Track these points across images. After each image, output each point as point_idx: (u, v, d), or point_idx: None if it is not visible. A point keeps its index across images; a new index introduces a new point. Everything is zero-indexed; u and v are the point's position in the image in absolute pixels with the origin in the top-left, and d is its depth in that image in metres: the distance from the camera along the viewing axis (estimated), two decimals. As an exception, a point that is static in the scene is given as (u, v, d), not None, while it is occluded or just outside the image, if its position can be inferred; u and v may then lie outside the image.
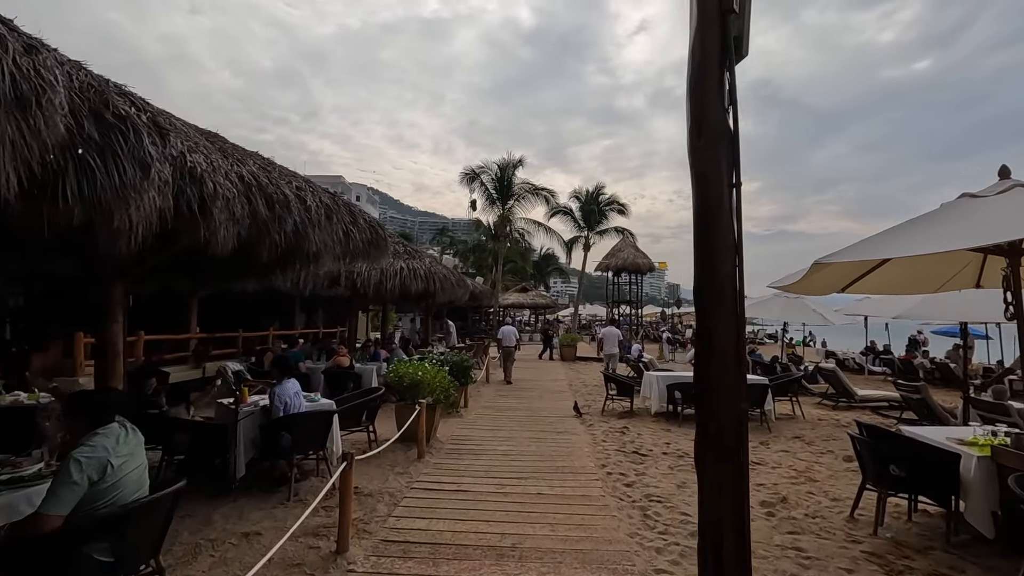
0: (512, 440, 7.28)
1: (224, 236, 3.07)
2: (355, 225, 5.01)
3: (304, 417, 5.07)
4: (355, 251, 5.12)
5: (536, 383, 13.77)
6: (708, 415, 2.51)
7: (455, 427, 8.01)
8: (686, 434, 8.12)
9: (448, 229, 60.84)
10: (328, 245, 4.48)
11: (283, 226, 3.64)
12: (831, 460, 6.70)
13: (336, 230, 4.50)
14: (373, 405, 6.49)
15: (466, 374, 8.98)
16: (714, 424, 2.46)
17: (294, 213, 3.73)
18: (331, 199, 4.58)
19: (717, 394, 2.50)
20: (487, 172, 31.17)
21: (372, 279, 9.25)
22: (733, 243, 2.56)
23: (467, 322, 35.48)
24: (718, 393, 2.50)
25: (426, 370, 6.77)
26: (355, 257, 5.40)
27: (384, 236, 5.71)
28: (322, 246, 4.32)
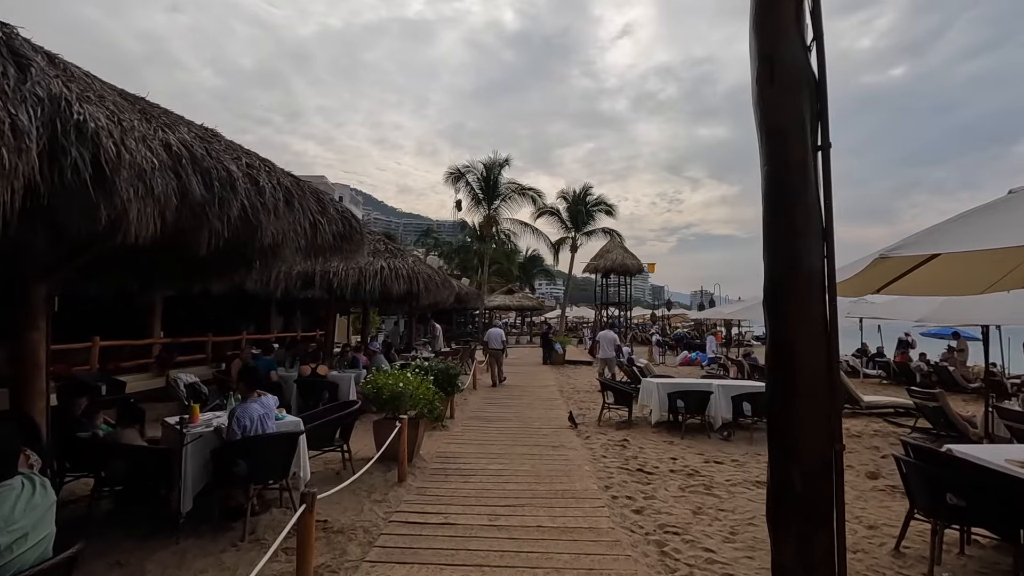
0: (504, 457, 6.58)
1: (139, 219, 2.34)
2: (324, 215, 4.29)
3: (263, 441, 4.32)
4: (324, 246, 4.40)
5: (525, 390, 13.09)
6: (788, 460, 1.85)
7: (441, 442, 7.30)
8: (691, 446, 7.51)
9: (433, 230, 59.94)
10: (289, 237, 3.75)
11: (227, 210, 2.91)
12: (853, 477, 6.12)
13: (299, 220, 3.78)
14: (348, 421, 5.75)
15: (452, 383, 8.27)
16: (799, 473, 1.80)
17: (241, 195, 3.00)
18: (293, 183, 3.86)
19: (801, 433, 1.84)
20: (472, 172, 30.51)
21: (350, 279, 8.49)
22: (820, 225, 1.91)
23: (452, 325, 34.75)
24: (802, 431, 1.84)
25: (408, 380, 6.05)
26: (325, 253, 4.68)
27: (359, 230, 4.99)
28: (280, 238, 3.59)
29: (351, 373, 8.80)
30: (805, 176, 1.87)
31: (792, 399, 1.84)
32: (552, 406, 10.78)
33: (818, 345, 1.85)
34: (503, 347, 14.81)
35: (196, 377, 6.73)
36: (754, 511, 4.94)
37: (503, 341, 14.87)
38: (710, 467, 6.46)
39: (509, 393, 12.41)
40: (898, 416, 9.99)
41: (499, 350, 14.50)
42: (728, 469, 6.40)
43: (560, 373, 17.27)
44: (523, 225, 32.73)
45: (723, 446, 7.54)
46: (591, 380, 15.14)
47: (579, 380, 15.33)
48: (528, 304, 37.76)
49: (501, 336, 14.88)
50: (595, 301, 28.97)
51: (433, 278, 9.39)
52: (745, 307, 14.46)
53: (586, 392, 12.80)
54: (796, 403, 1.83)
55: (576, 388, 13.67)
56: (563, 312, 35.93)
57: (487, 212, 30.66)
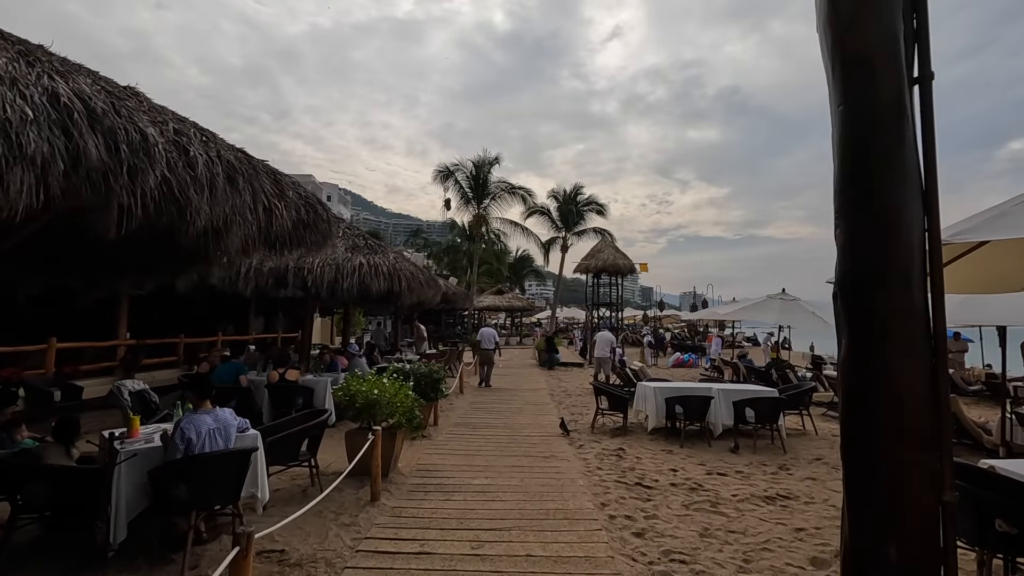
0: (490, 470, 6.03)
1: (10, 187, 1.77)
2: (281, 199, 3.71)
3: (207, 460, 3.73)
4: (283, 235, 3.82)
5: (515, 393, 12.54)
6: (878, 520, 1.32)
7: (422, 453, 6.73)
8: (691, 455, 7.01)
9: (423, 231, 59.31)
10: (235, 223, 3.18)
11: (141, 183, 2.34)
12: (869, 491, 5.64)
13: (247, 202, 3.21)
14: (315, 433, 5.17)
15: (436, 388, 7.70)
16: (895, 537, 1.27)
17: (161, 165, 2.43)
18: (241, 160, 3.28)
19: (898, 480, 1.31)
20: (462, 170, 29.91)
21: (326, 277, 7.90)
22: (919, 187, 1.36)
23: (441, 326, 34.14)
24: (900, 478, 1.31)
25: (384, 387, 5.48)
26: (285, 244, 4.09)
27: (326, 218, 4.42)
28: (222, 223, 3.02)
29: (328, 377, 8.19)
30: (900, 120, 1.34)
31: (884, 434, 1.30)
32: (542, 411, 10.25)
33: (918, 359, 1.31)
34: (496, 347, 14.43)
35: (145, 384, 6.08)
36: (767, 534, 4.44)
37: (496, 341, 14.50)
38: (713, 480, 5.96)
39: (498, 397, 11.86)
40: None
41: (491, 350, 14.12)
42: (733, 482, 5.90)
43: (551, 376, 16.75)
44: (513, 225, 32.22)
45: (725, 455, 7.05)
46: (583, 383, 14.64)
47: (570, 383, 14.82)
48: (518, 305, 37.24)
49: (494, 336, 14.51)
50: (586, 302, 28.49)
51: (416, 276, 8.82)
52: (740, 308, 14.03)
53: (578, 396, 12.29)
54: (889, 439, 1.29)
55: (567, 391, 13.15)
56: (553, 313, 35.39)
57: (476, 211, 30.09)
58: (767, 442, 7.63)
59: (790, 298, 12.64)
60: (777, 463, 6.71)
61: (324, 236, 4.47)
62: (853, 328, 1.38)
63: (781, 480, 5.99)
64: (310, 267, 7.93)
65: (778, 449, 7.37)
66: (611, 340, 14.32)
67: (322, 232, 4.38)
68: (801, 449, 7.44)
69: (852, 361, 1.39)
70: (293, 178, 4.51)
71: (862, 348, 1.36)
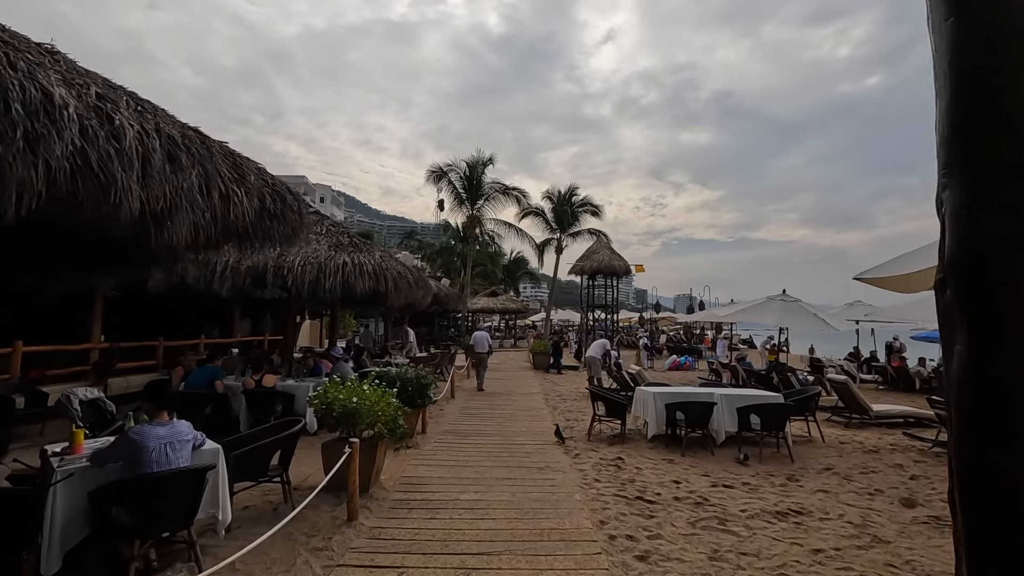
0: (480, 483, 5.60)
1: None
2: (241, 184, 3.28)
3: (154, 481, 3.29)
4: (243, 225, 3.39)
5: (508, 398, 12.12)
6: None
7: (408, 463, 6.30)
8: (694, 465, 6.60)
9: (417, 232, 58.79)
10: (182, 210, 2.75)
11: (43, 152, 1.91)
12: (886, 505, 5.26)
13: (195, 184, 2.78)
14: (286, 445, 4.72)
15: (424, 394, 7.27)
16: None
17: (71, 133, 2.00)
18: (190, 137, 2.86)
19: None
20: (455, 170, 29.50)
21: (307, 276, 7.45)
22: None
23: (434, 328, 33.70)
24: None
25: (364, 395, 5.04)
26: (246, 236, 3.66)
27: (297, 208, 3.99)
28: (162, 208, 2.59)
29: (311, 382, 7.74)
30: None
31: None
32: (536, 416, 9.84)
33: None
34: (489, 350, 14.21)
35: (99, 392, 5.62)
36: (783, 556, 4.04)
37: (489, 344, 14.31)
38: (719, 493, 5.56)
39: (491, 402, 11.43)
40: (909, 426, 9.22)
41: (484, 353, 13.91)
42: (740, 495, 5.50)
43: (545, 379, 16.34)
44: (507, 226, 31.81)
45: (730, 465, 6.65)
46: (578, 386, 14.24)
47: (565, 386, 14.42)
48: (512, 307, 36.83)
49: (487, 339, 14.31)
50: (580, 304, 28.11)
51: (404, 276, 8.39)
52: (740, 310, 13.68)
53: (573, 400, 11.88)
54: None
55: (562, 395, 12.75)
56: (548, 315, 34.98)
57: (470, 212, 29.69)
58: (772, 450, 7.25)
59: (791, 299, 12.30)
60: (785, 473, 6.32)
61: (295, 229, 4.04)
62: (977, 320, 0.96)
63: (791, 492, 5.60)
64: (290, 266, 7.49)
65: (784, 458, 6.98)
66: (604, 344, 14.03)
67: (291, 224, 3.95)
68: (809, 458, 7.06)
69: (976, 370, 0.97)
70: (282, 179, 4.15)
71: (994, 348, 0.94)
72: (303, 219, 4.09)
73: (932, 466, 6.70)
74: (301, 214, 4.07)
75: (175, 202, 2.66)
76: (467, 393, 12.63)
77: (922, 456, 7.22)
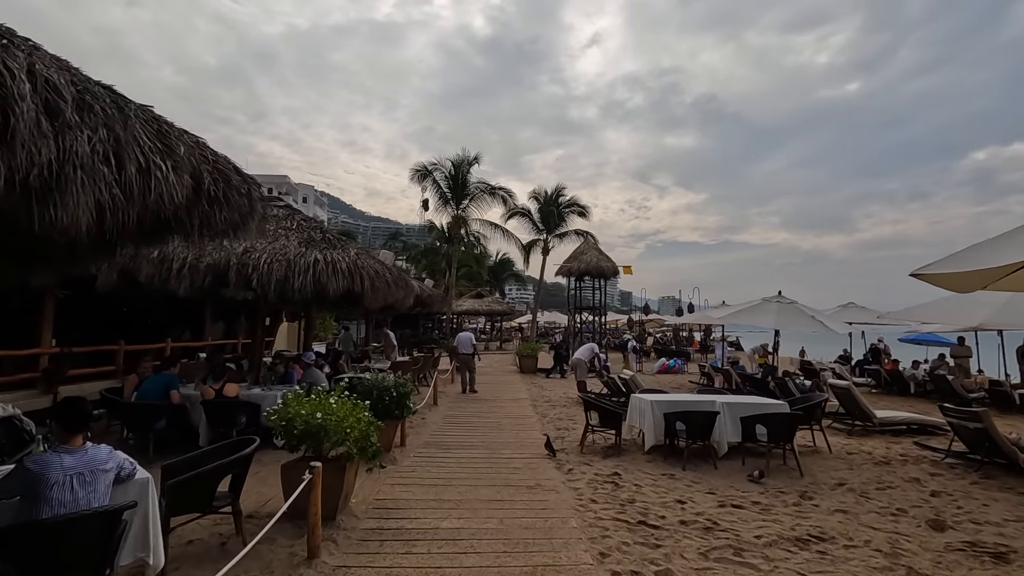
0: (464, 507, 4.99)
1: None
2: (169, 157, 2.66)
3: (46, 529, 2.62)
4: (170, 207, 2.75)
5: (495, 404, 11.51)
6: None
7: (383, 482, 5.67)
8: (697, 481, 6.07)
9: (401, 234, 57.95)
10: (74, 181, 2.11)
11: None
12: (913, 528, 4.75)
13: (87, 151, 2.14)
14: (238, 470, 4.07)
15: (403, 404, 6.64)
16: None
17: None
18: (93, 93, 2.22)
19: None
20: (440, 169, 28.85)
21: (274, 274, 6.78)
22: None
23: (419, 330, 32.98)
24: None
25: (330, 409, 4.40)
26: (178, 222, 3.02)
27: (248, 193, 3.36)
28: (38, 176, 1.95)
29: (280, 390, 7.05)
30: None
31: None
32: (524, 425, 9.26)
33: None
34: (474, 352, 13.65)
35: (15, 408, 4.89)
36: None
37: (473, 345, 13.74)
38: (729, 515, 5.01)
39: (476, 409, 10.81)
40: (914, 433, 8.81)
41: (469, 355, 13.37)
42: (753, 517, 4.96)
43: (532, 383, 15.77)
44: (493, 226, 31.24)
45: (736, 481, 6.12)
46: (566, 391, 13.71)
47: (553, 391, 13.87)
48: (498, 308, 36.25)
49: (471, 340, 13.75)
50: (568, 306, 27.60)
51: (382, 275, 7.75)
52: (734, 311, 13.25)
53: (563, 407, 11.31)
54: None
55: (550, 401, 12.18)
56: (534, 317, 34.45)
57: (455, 212, 29.05)
58: (778, 462, 6.76)
59: (787, 301, 11.88)
60: (796, 490, 5.81)
61: (243, 216, 3.40)
62: None
63: (807, 513, 5.08)
64: (256, 263, 6.80)
65: (792, 471, 6.48)
66: (593, 348, 13.56)
67: (239, 210, 3.31)
68: (818, 471, 6.57)
69: None
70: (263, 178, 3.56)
71: None
72: (254, 205, 3.46)
73: (950, 480, 6.25)
74: (252, 199, 3.44)
75: (61, 170, 2.03)
76: (451, 399, 12.00)
77: (936, 468, 6.77)
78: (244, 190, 3.34)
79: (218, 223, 3.22)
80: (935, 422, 9.06)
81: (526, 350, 20.12)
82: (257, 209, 3.50)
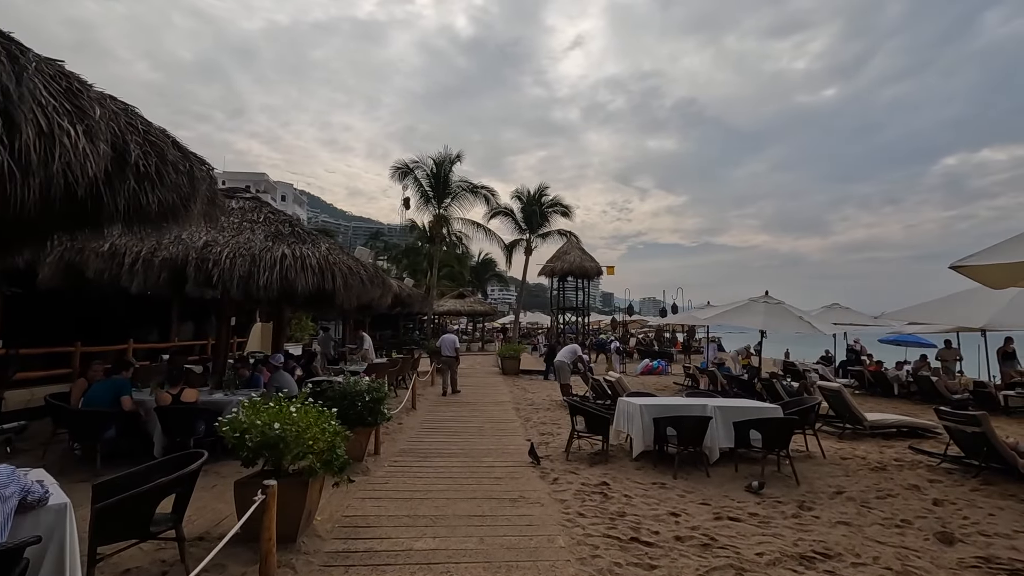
0: (441, 524, 4.56)
1: None
2: (80, 121, 2.19)
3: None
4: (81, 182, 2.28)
5: (476, 408, 11.08)
6: None
7: (353, 496, 5.20)
8: (689, 490, 5.73)
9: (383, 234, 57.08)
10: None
11: None
12: (921, 541, 4.46)
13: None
14: (182, 490, 3.59)
15: (376, 410, 6.19)
16: None
17: None
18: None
19: None
20: (422, 167, 28.32)
21: (237, 270, 6.27)
22: None
23: (399, 331, 32.38)
24: None
25: (290, 419, 3.94)
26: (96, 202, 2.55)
27: (189, 171, 2.91)
28: None
29: (244, 395, 6.52)
30: None
31: None
32: (507, 430, 8.85)
33: None
34: (456, 354, 13.37)
35: None
36: (828, 626, 3.15)
37: (456, 348, 13.50)
38: (727, 529, 4.67)
39: (456, 413, 10.37)
40: (903, 436, 8.62)
41: (452, 357, 13.11)
42: (751, 531, 4.63)
43: (515, 385, 15.36)
44: (475, 226, 30.78)
45: (730, 490, 5.80)
46: (550, 393, 13.35)
47: (536, 394, 13.48)
48: (480, 309, 35.79)
49: (454, 343, 13.54)
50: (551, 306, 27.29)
51: (356, 272, 7.28)
52: (721, 312, 13.00)
53: (546, 410, 10.93)
54: None
55: (534, 404, 11.80)
56: (517, 318, 34.07)
57: (437, 211, 28.54)
58: (772, 468, 6.46)
59: (774, 301, 11.66)
60: (794, 499, 5.50)
61: (184, 199, 2.94)
62: None
63: (808, 526, 4.76)
64: (217, 258, 6.29)
65: (788, 478, 6.19)
66: (575, 349, 13.18)
67: (177, 191, 2.84)
68: (814, 478, 6.28)
69: None
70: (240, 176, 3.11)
71: None
72: (197, 186, 2.99)
73: (950, 487, 6.00)
74: (194, 179, 2.97)
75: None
76: (431, 403, 11.54)
77: (934, 473, 6.53)
78: (184, 167, 2.87)
79: (151, 205, 2.75)
80: (926, 424, 8.89)
81: (508, 351, 19.72)
82: (201, 191, 3.03)
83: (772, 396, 10.70)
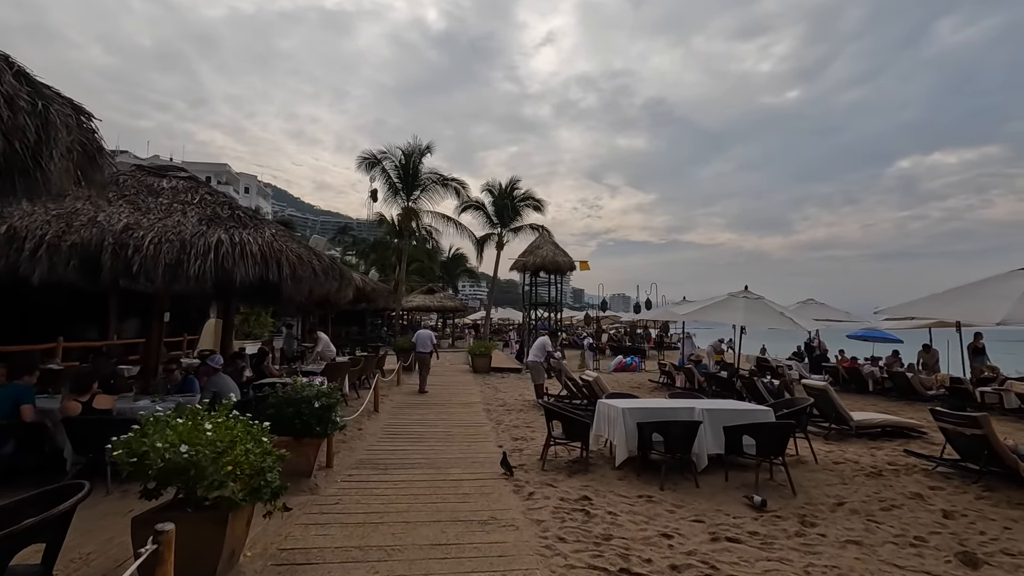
0: (397, 555, 3.84)
1: None
2: None
3: None
4: None
5: (443, 409, 10.35)
6: None
7: (295, 521, 4.43)
8: (680, 505, 5.15)
9: (351, 228, 55.41)
10: None
11: None
12: (942, 564, 3.96)
13: None
14: (51, 538, 2.78)
15: (326, 419, 5.41)
16: None
17: None
18: None
19: None
20: (390, 158, 27.26)
21: (163, 258, 5.39)
22: None
23: (365, 327, 31.30)
24: None
25: (201, 439, 3.15)
26: None
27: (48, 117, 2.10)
28: None
29: (173, 402, 5.65)
30: None
31: None
32: (476, 435, 8.15)
33: None
34: (433, 350, 12.99)
35: None
36: None
37: (433, 344, 13.12)
38: (726, 553, 4.09)
39: (422, 416, 9.62)
40: (888, 436, 8.30)
41: (428, 354, 12.71)
42: (755, 555, 4.06)
43: (486, 384, 14.66)
44: (446, 219, 29.88)
45: (723, 503, 5.24)
46: (522, 393, 12.72)
47: (508, 393, 12.82)
48: (450, 305, 34.94)
49: (431, 338, 13.12)
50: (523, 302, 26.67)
51: (308, 262, 6.46)
52: (699, 307, 12.57)
53: (519, 412, 10.29)
54: None
55: (506, 405, 11.14)
56: (488, 314, 33.32)
57: (406, 203, 27.54)
58: (765, 476, 5.96)
59: (754, 296, 11.29)
60: (794, 513, 4.98)
61: (32, 152, 2.13)
62: None
63: (815, 547, 4.22)
64: (139, 244, 5.39)
65: (783, 487, 5.69)
66: (544, 344, 12.44)
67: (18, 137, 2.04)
68: (810, 487, 5.79)
69: None
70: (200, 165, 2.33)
71: None
72: (53, 133, 2.19)
73: (953, 494, 5.59)
74: (49, 124, 2.17)
75: None
76: (395, 404, 10.76)
77: (932, 479, 6.13)
78: (30, 106, 2.07)
79: None
80: (911, 424, 8.60)
81: (479, 349, 19.00)
82: (60, 142, 2.23)
83: (753, 395, 10.31)
